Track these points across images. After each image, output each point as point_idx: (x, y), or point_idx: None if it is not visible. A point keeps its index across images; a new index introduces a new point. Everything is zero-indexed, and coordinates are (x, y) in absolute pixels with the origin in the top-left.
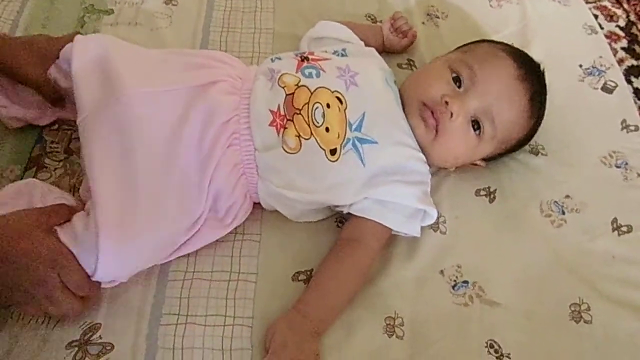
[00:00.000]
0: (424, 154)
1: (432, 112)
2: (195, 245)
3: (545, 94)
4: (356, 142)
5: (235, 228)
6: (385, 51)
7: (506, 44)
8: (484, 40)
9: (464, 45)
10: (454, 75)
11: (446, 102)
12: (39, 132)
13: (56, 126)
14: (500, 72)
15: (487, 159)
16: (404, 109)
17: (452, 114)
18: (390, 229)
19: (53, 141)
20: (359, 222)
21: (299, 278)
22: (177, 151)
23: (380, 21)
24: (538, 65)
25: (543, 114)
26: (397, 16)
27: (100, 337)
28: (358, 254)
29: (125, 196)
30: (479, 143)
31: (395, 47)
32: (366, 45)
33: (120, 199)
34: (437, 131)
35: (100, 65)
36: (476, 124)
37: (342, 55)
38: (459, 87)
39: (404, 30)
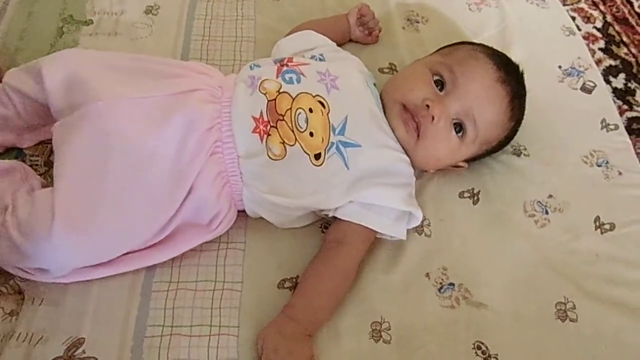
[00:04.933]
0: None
1: (413, 116)
2: (180, 248)
3: (524, 95)
4: (340, 145)
5: (220, 237)
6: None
7: (486, 46)
8: (463, 43)
9: (444, 47)
10: (436, 78)
11: (427, 106)
12: None
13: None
14: (480, 75)
15: (469, 160)
16: (384, 111)
17: (433, 117)
18: (376, 231)
19: (33, 154)
20: (344, 225)
21: (285, 285)
22: (151, 159)
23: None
24: (517, 67)
25: (523, 116)
26: (364, 11)
27: (84, 351)
28: (343, 255)
29: (90, 193)
30: (461, 145)
31: (359, 41)
32: (336, 41)
33: (84, 194)
34: (418, 134)
35: (71, 82)
36: (458, 127)
37: (321, 59)
38: (441, 89)
39: (370, 27)
